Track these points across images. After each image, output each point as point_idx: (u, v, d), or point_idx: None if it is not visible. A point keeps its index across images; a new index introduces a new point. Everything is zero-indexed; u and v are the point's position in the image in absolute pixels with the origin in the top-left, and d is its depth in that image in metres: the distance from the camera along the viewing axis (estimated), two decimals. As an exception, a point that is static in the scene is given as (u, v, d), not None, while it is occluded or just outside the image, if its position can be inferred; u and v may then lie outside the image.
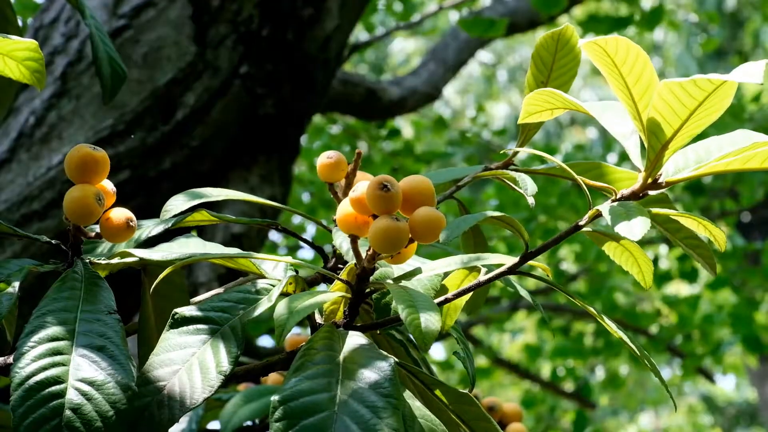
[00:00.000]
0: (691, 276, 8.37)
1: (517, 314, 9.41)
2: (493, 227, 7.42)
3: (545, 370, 10.76)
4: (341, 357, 1.33)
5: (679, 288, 10.74)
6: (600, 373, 12.35)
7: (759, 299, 8.55)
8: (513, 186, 1.70)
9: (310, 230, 7.23)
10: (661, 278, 8.34)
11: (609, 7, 8.55)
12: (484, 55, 17.18)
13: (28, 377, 1.29)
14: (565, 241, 7.89)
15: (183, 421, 2.20)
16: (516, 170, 1.79)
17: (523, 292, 1.56)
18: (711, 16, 9.03)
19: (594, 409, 10.59)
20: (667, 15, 8.18)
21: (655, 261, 8.44)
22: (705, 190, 8.14)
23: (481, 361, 9.55)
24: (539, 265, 1.46)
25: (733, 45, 16.29)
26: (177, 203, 1.55)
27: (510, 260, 1.45)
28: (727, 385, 22.54)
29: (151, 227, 1.62)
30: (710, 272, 1.57)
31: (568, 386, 9.95)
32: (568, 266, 8.67)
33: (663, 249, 8.88)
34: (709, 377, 10.07)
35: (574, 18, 8.35)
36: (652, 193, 1.44)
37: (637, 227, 1.30)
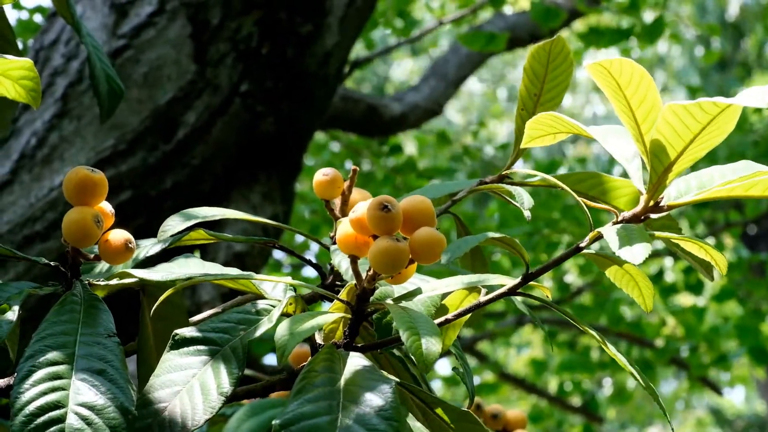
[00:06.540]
0: (696, 288, 8.34)
1: (523, 329, 9.38)
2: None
3: (552, 384, 10.72)
4: (342, 379, 1.31)
5: (685, 300, 10.71)
6: (607, 387, 12.31)
7: (765, 311, 8.52)
8: (509, 200, 1.70)
9: (314, 247, 7.22)
10: (667, 291, 8.32)
11: (610, 19, 8.54)
12: (485, 73, 17.18)
13: (28, 402, 1.29)
14: (569, 255, 7.91)
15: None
16: (511, 184, 1.78)
17: (523, 308, 1.55)
18: (712, 28, 9.00)
19: (602, 424, 10.54)
20: (669, 27, 8.17)
21: (661, 274, 8.42)
22: (709, 202, 8.11)
23: (488, 376, 9.52)
24: (540, 286, 1.46)
25: (736, 56, 16.29)
26: (173, 224, 1.54)
27: (511, 281, 1.44)
28: (736, 398, 22.48)
29: (148, 247, 1.62)
30: (708, 278, 1.57)
31: (576, 400, 9.91)
32: (574, 279, 8.64)
33: (668, 261, 8.85)
34: (716, 389, 10.03)
35: (574, 31, 8.34)
36: (653, 216, 1.44)
37: (639, 252, 1.31)
